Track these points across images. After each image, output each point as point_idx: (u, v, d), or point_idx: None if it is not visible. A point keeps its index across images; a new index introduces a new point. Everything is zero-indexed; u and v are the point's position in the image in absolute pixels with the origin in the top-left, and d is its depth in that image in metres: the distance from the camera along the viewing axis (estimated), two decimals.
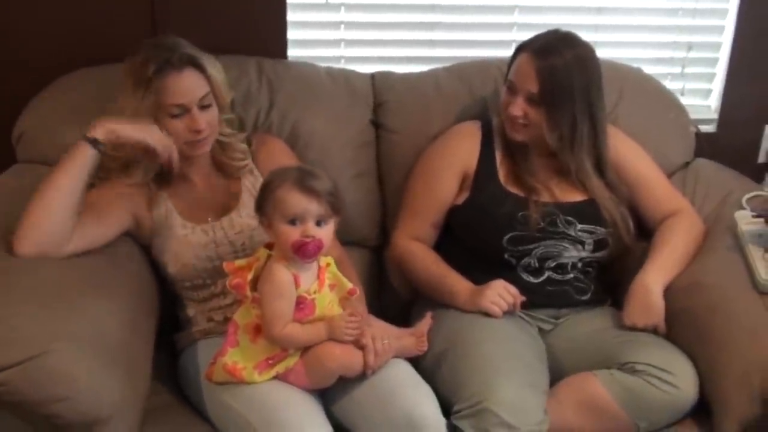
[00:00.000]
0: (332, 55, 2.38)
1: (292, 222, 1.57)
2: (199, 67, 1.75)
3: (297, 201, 1.56)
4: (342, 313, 1.65)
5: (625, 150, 2.06)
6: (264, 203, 1.61)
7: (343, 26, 2.38)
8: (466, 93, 2.20)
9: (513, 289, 1.85)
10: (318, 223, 1.58)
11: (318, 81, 2.18)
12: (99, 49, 2.10)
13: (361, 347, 1.64)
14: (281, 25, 2.26)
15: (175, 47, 1.74)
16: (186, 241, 1.81)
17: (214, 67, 1.79)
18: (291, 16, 2.26)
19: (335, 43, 2.39)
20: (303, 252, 1.56)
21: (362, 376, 1.66)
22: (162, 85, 1.71)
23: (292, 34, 2.28)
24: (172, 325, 1.91)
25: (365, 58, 2.39)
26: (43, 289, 1.54)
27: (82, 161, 1.66)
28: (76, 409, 1.42)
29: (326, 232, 1.59)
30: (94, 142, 1.67)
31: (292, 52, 2.29)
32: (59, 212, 1.62)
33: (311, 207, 1.57)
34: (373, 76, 2.25)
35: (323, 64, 2.25)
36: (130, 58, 1.75)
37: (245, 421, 1.59)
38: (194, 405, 1.76)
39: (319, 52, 2.35)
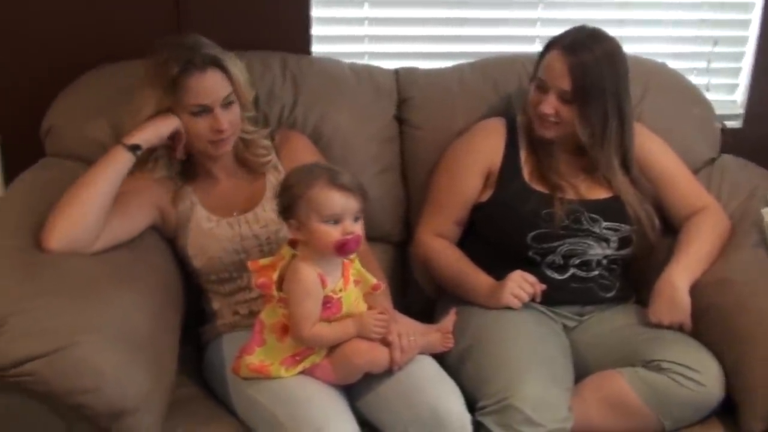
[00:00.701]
0: (356, 51, 2.38)
1: (331, 221, 1.56)
2: (222, 67, 1.76)
3: (336, 200, 1.55)
4: (370, 311, 1.66)
5: (650, 146, 2.05)
6: (292, 204, 1.59)
7: (367, 22, 2.38)
8: (490, 89, 2.20)
9: (531, 278, 1.85)
10: (355, 219, 1.58)
11: (342, 77, 2.18)
12: (124, 46, 2.11)
13: (387, 344, 1.65)
14: (305, 21, 2.26)
15: (198, 47, 1.75)
16: (211, 234, 1.82)
17: (236, 66, 1.79)
18: (315, 11, 2.27)
19: (359, 39, 2.39)
20: (345, 250, 1.56)
21: (388, 372, 1.66)
22: (185, 85, 1.72)
23: (316, 30, 2.29)
24: (198, 319, 1.92)
25: (389, 54, 2.39)
26: (71, 281, 1.56)
27: (118, 165, 1.69)
28: (102, 400, 1.43)
29: (361, 227, 1.60)
30: (132, 148, 1.69)
31: (316, 48, 2.30)
32: (93, 212, 1.65)
33: (350, 204, 1.56)
34: (397, 71, 2.25)
35: (347, 60, 2.25)
36: (152, 56, 1.76)
37: (271, 415, 1.60)
38: (219, 398, 1.77)
39: (343, 48, 2.35)
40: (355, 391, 1.70)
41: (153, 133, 1.73)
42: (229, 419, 1.71)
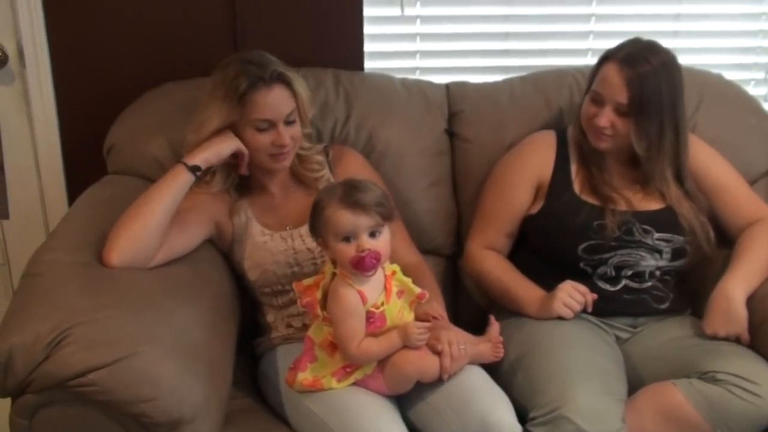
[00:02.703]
0: (408, 66, 2.40)
1: (346, 239, 1.57)
2: (288, 84, 1.79)
3: (345, 218, 1.56)
4: (411, 321, 1.66)
5: (705, 157, 2.02)
6: (316, 224, 1.61)
7: (418, 38, 2.41)
8: (542, 102, 2.20)
9: (582, 288, 1.84)
10: (372, 234, 1.58)
11: (393, 91, 2.20)
12: (183, 64, 2.17)
13: (438, 352, 1.65)
14: (358, 38, 2.29)
15: (267, 64, 1.78)
16: (265, 248, 1.85)
17: (300, 84, 1.83)
18: (368, 29, 2.30)
19: (411, 54, 2.42)
20: (362, 266, 1.56)
21: (438, 382, 1.66)
22: (252, 100, 1.75)
23: (368, 46, 2.32)
24: (253, 331, 1.95)
25: (440, 69, 2.41)
26: (131, 295, 1.59)
27: (178, 185, 1.74)
28: (160, 409, 1.46)
29: (382, 242, 1.59)
30: (193, 169, 1.74)
31: (369, 64, 2.33)
32: (152, 230, 1.69)
33: (360, 221, 1.56)
34: (447, 86, 2.26)
35: (399, 76, 2.28)
36: (221, 71, 1.80)
37: (324, 425, 1.62)
38: (274, 409, 1.79)
39: (394, 64, 2.38)
40: (405, 400, 1.70)
41: (214, 153, 1.77)
42: (283, 430, 1.73)
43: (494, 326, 1.79)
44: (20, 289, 1.58)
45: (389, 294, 1.64)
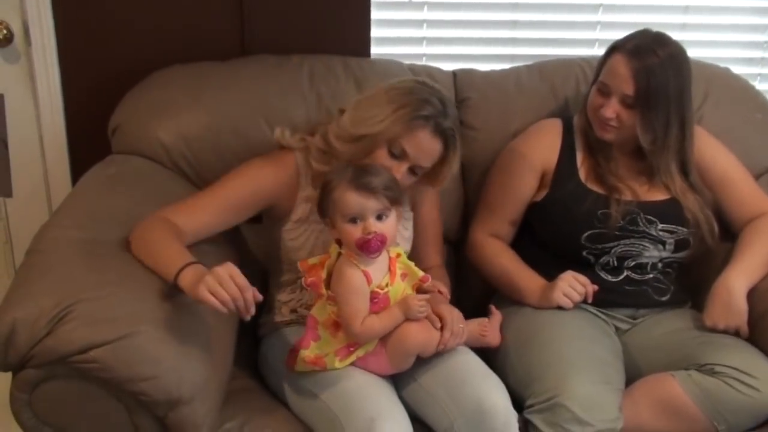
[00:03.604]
0: (414, 53, 2.40)
1: (353, 220, 1.59)
2: (446, 148, 1.75)
3: (354, 200, 1.58)
4: (412, 294, 1.68)
5: (710, 150, 2.02)
6: (324, 204, 1.63)
7: (425, 24, 2.40)
8: (548, 91, 2.20)
9: (583, 278, 1.85)
10: (379, 217, 1.59)
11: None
12: (190, 46, 2.17)
13: (441, 325, 1.67)
14: (365, 24, 2.29)
15: (449, 113, 1.74)
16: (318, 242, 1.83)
17: (456, 158, 1.78)
18: (375, 14, 2.29)
19: (418, 41, 2.41)
20: (367, 248, 1.58)
21: (434, 365, 1.68)
22: (414, 133, 1.70)
23: (375, 32, 2.31)
24: (258, 309, 1.95)
25: (447, 56, 2.41)
26: (136, 272, 1.59)
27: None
28: (160, 388, 1.47)
29: (389, 225, 1.61)
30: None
31: (375, 50, 2.32)
32: None
33: (368, 204, 1.58)
34: (454, 73, 2.26)
35: (406, 62, 2.28)
36: (410, 84, 1.76)
37: (325, 406, 1.63)
38: (273, 390, 1.81)
39: (401, 50, 2.38)
40: (401, 385, 1.72)
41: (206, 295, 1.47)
42: (283, 411, 1.74)
43: (495, 315, 1.79)
44: (24, 265, 1.59)
45: (393, 276, 1.66)
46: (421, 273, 1.71)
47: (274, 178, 1.81)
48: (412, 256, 1.84)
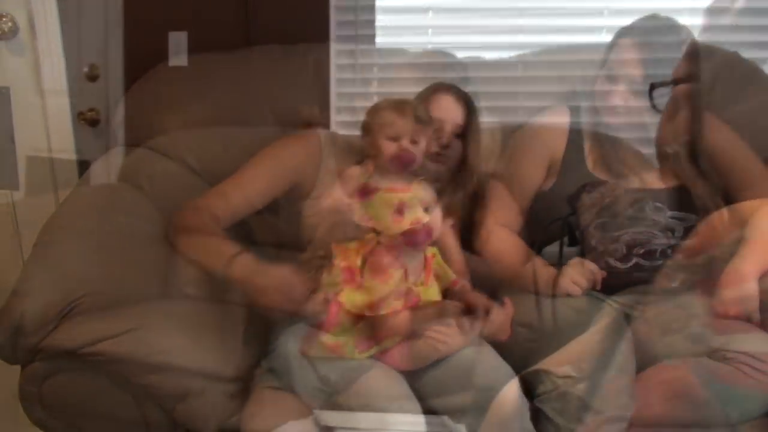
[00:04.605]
0: (420, 41, 2.38)
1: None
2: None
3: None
4: (451, 301, 1.67)
5: (719, 136, 2.00)
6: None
7: (431, 12, 2.39)
8: (555, 78, 2.19)
9: (591, 265, 1.83)
10: (426, 210, 1.60)
11: None
12: (194, 37, 2.16)
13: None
14: (370, 11, 2.28)
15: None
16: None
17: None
18: (380, 2, 2.28)
19: (423, 29, 2.40)
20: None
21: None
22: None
23: (380, 20, 2.30)
24: None
25: (453, 45, 2.39)
26: (144, 265, 1.62)
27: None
28: (169, 380, 1.48)
29: (435, 218, 1.62)
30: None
31: (380, 39, 2.32)
32: None
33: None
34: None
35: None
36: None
37: (338, 396, 1.62)
38: (284, 380, 1.79)
39: (406, 39, 2.36)
40: (412, 375, 1.70)
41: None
42: (295, 401, 1.72)
43: (507, 307, 1.78)
44: (32, 257, 1.59)
45: (428, 275, 1.66)
46: (453, 276, 1.72)
47: (299, 155, 1.85)
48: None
